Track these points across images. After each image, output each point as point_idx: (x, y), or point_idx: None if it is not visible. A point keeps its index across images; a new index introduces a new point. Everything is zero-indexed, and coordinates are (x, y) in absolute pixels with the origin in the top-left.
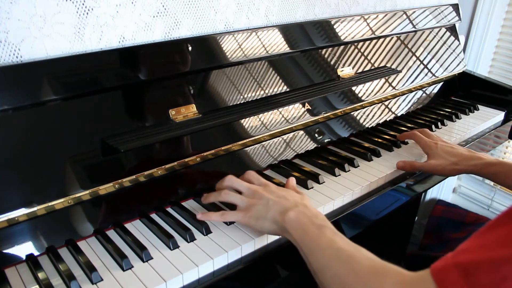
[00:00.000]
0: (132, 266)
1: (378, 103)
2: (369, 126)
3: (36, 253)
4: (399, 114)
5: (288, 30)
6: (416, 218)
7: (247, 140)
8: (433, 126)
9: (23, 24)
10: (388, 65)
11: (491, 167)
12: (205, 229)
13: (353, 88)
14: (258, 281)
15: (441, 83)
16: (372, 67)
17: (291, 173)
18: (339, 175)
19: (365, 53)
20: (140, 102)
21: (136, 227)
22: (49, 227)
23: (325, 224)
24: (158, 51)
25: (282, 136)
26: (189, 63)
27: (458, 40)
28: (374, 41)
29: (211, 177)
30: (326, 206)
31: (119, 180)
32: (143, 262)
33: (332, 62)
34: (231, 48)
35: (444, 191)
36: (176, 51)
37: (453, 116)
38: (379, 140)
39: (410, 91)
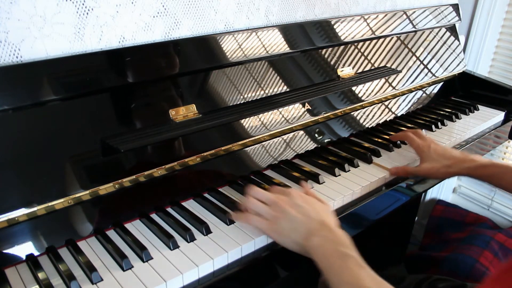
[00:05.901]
0: (132, 266)
1: (378, 103)
2: (369, 126)
3: (36, 253)
4: (399, 114)
5: (288, 30)
6: (416, 218)
7: (247, 140)
8: (433, 126)
9: (23, 24)
10: (388, 65)
11: (484, 168)
12: (205, 229)
13: (353, 88)
14: (258, 281)
15: (441, 83)
16: (372, 67)
17: (291, 173)
18: (339, 175)
19: (365, 53)
20: (141, 102)
21: (136, 227)
22: (49, 227)
23: (349, 253)
24: (158, 51)
25: (282, 136)
26: (189, 63)
27: (458, 40)
28: (374, 41)
29: (211, 177)
30: None
31: (119, 180)
32: (143, 262)
33: (332, 62)
34: (231, 48)
35: (444, 191)
36: (176, 51)
37: (453, 116)
38: (379, 140)
39: (410, 91)
